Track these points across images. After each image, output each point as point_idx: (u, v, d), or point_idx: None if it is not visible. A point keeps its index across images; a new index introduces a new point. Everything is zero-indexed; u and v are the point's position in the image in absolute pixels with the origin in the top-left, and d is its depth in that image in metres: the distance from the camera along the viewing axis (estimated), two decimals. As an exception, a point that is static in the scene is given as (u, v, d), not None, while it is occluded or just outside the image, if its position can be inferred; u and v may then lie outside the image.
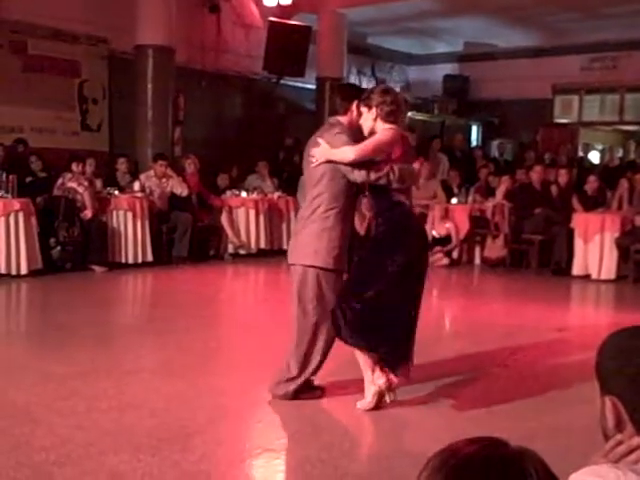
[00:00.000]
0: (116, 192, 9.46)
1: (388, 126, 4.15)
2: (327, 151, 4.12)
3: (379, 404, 4.15)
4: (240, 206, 10.58)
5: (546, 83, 14.48)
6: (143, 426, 3.84)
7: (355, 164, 4.06)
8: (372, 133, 4.18)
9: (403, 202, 4.18)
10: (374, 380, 4.13)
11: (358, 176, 4.08)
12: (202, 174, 10.71)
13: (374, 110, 4.15)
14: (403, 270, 4.09)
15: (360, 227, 9.51)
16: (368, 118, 4.19)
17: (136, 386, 4.57)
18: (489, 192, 11.06)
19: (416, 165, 4.41)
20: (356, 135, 4.20)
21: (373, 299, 4.06)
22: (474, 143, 15.14)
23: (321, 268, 4.16)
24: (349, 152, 4.05)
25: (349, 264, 4.29)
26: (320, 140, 4.17)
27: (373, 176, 4.06)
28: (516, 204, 10.18)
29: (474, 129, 15.26)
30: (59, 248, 8.64)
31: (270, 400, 4.27)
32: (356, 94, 4.29)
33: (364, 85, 15.32)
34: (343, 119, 4.26)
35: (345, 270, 4.27)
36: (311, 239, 4.17)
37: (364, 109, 4.20)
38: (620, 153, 15.04)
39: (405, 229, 4.18)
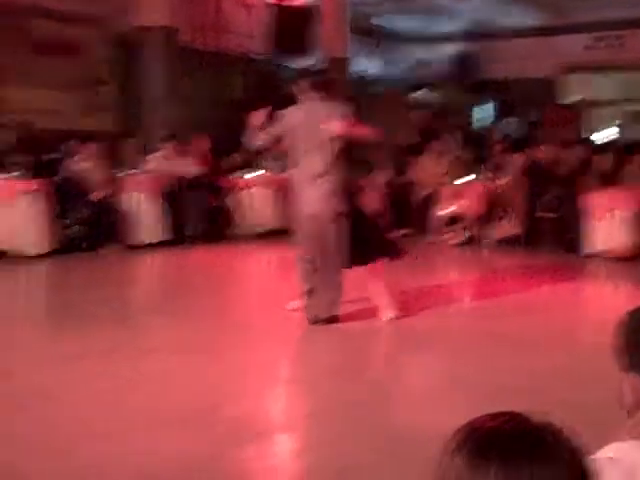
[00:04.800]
0: (126, 173, 9.41)
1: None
2: (343, 126, 5.28)
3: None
4: (250, 186, 10.54)
5: (552, 62, 14.41)
6: (165, 403, 3.85)
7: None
8: None
9: None
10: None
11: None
12: (211, 154, 10.65)
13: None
14: None
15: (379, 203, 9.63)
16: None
17: (156, 364, 4.57)
18: (501, 170, 11.01)
19: None
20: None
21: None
22: (483, 122, 15.08)
23: (333, 214, 5.37)
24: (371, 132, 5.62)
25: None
26: (335, 113, 5.31)
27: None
28: (529, 182, 10.14)
29: (482, 108, 15.20)
30: (73, 229, 8.61)
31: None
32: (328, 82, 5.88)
33: (369, 65, 15.27)
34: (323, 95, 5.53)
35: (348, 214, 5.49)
36: (332, 194, 5.34)
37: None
38: (627, 131, 14.98)
39: None
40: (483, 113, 15.21)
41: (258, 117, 5.58)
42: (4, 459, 3.08)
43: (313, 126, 5.34)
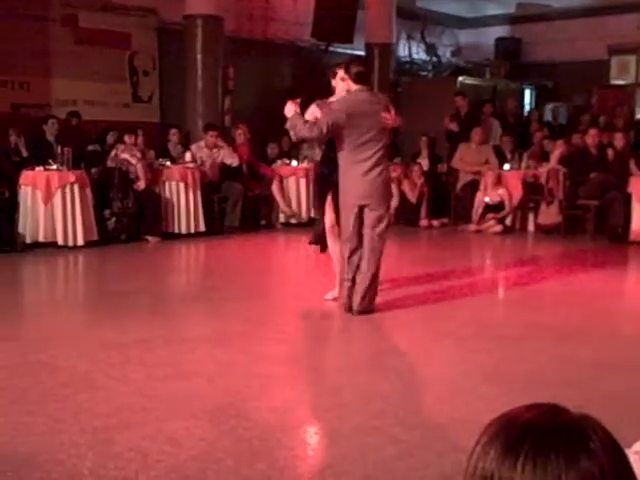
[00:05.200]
0: (168, 163, 9.54)
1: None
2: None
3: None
4: (291, 175, 10.60)
5: (601, 44, 14.09)
6: (199, 393, 3.91)
7: None
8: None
9: None
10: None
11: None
12: (252, 144, 10.73)
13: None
14: None
15: (412, 194, 10.01)
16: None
17: (192, 354, 4.65)
18: (543, 157, 10.86)
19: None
20: None
21: None
22: (527, 107, 14.86)
23: (385, 205, 5.61)
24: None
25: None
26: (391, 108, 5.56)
27: None
28: (571, 169, 9.97)
29: (527, 93, 14.96)
30: (114, 219, 8.78)
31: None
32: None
33: (414, 50, 15.15)
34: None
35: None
36: (385, 185, 5.54)
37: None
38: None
39: None
40: (527, 98, 14.97)
41: (292, 107, 5.56)
42: (43, 447, 3.18)
43: (368, 117, 5.37)
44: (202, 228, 9.45)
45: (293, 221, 10.53)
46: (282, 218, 10.50)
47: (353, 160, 5.40)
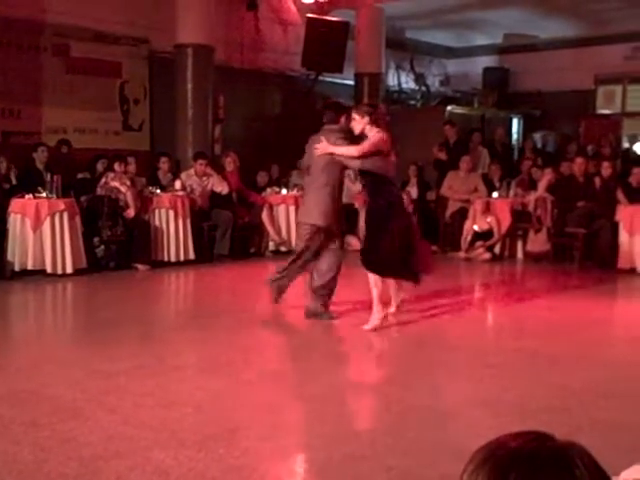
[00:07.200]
0: (158, 191, 9.54)
1: (376, 129, 5.82)
2: (329, 147, 5.97)
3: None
4: (280, 203, 10.61)
5: (588, 73, 14.27)
6: (188, 422, 3.88)
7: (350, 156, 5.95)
8: (361, 133, 5.90)
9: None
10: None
11: (354, 165, 6.00)
12: (242, 172, 10.76)
13: (366, 118, 5.84)
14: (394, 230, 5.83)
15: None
16: (361, 123, 5.85)
17: (180, 382, 4.63)
18: (531, 185, 10.94)
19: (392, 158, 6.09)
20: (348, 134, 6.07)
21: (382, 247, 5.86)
22: (515, 136, 14.99)
23: (319, 226, 6.13)
24: (353, 150, 5.87)
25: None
26: (322, 138, 6.05)
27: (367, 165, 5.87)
28: (559, 197, 10.05)
29: (515, 122, 15.10)
30: (103, 247, 8.76)
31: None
32: (343, 110, 6.24)
33: (403, 79, 15.29)
34: (337, 127, 6.13)
35: (335, 228, 6.24)
36: (313, 205, 6.15)
37: (357, 116, 5.88)
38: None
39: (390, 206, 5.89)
40: (514, 127, 15.12)
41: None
42: (29, 477, 3.13)
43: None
44: (191, 256, 9.44)
45: (283, 249, 10.51)
46: (272, 246, 10.50)
47: (310, 186, 6.30)
